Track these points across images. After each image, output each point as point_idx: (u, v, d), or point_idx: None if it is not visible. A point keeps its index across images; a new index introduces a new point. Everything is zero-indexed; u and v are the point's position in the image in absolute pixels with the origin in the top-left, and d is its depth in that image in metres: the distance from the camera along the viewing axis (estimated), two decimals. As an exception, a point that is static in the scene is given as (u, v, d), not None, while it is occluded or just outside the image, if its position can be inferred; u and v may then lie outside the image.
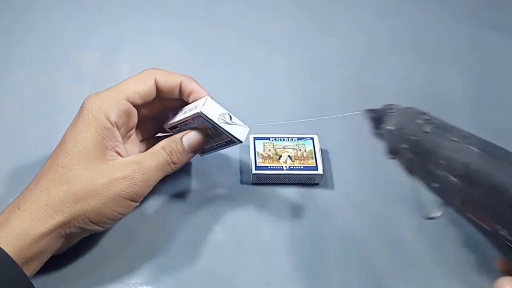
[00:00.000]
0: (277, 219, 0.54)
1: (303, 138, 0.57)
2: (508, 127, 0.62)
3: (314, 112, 0.62)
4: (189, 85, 0.47)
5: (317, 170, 0.54)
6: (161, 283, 0.47)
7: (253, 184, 0.56)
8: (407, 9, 0.75)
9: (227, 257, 0.50)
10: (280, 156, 0.56)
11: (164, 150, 0.44)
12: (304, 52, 0.70)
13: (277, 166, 0.55)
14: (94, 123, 0.41)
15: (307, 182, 0.56)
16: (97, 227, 0.42)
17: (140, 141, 0.51)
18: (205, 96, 0.46)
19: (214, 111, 0.46)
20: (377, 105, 0.45)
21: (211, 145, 0.52)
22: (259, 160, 0.55)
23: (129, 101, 0.43)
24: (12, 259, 0.35)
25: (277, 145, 0.57)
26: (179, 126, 0.50)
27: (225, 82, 0.66)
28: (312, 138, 0.57)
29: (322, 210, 0.54)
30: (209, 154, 0.53)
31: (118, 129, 0.43)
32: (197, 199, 0.54)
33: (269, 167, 0.55)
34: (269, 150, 0.56)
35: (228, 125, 0.47)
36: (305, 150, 0.56)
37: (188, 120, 0.48)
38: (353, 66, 0.68)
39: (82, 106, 0.42)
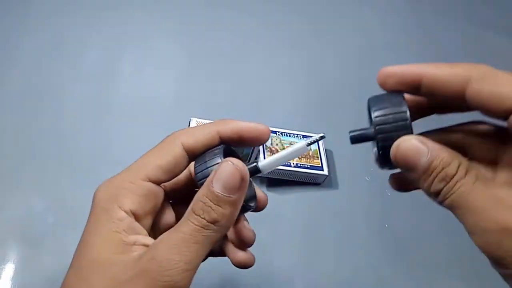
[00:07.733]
0: (279, 218, 0.54)
1: (307, 136, 0.57)
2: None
3: (314, 111, 0.62)
4: (232, 128, 0.35)
5: (322, 170, 0.55)
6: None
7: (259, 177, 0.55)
8: (407, 10, 0.75)
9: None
10: None
11: (194, 213, 0.30)
12: (304, 53, 0.70)
13: (285, 162, 0.54)
14: (104, 217, 0.32)
15: (311, 181, 0.56)
16: None
17: None
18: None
19: None
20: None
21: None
22: (267, 153, 0.55)
23: (150, 181, 0.33)
24: None
25: (284, 140, 0.57)
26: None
27: (226, 83, 0.66)
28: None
29: (324, 210, 0.55)
30: None
31: (141, 218, 0.33)
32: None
33: None
34: (276, 144, 0.56)
35: None
36: (311, 149, 0.56)
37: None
38: (353, 67, 0.69)
39: (92, 198, 0.33)
